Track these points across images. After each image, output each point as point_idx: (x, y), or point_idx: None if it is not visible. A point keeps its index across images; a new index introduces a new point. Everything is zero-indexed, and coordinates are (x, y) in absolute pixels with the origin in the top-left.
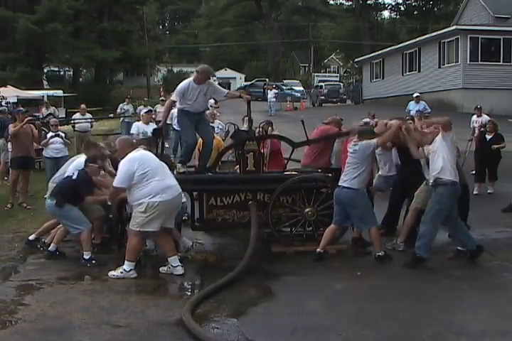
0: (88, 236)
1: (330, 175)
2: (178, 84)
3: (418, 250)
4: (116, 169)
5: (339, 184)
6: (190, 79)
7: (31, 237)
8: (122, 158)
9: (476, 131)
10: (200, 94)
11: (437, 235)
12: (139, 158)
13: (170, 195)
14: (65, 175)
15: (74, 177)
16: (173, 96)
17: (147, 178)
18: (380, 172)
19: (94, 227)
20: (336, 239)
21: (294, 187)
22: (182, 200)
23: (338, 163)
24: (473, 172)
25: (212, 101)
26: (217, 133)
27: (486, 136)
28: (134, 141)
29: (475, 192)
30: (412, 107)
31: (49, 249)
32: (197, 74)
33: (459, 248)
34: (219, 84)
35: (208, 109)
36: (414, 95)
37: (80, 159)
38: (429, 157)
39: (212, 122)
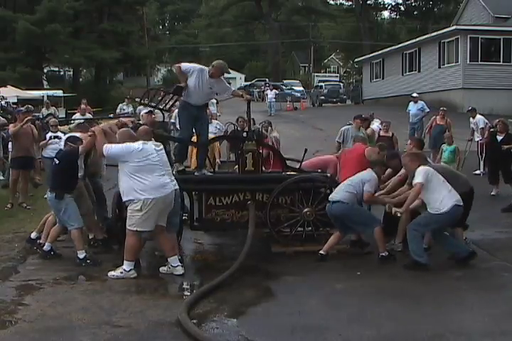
0: (79, 234)
1: (328, 175)
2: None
3: (415, 256)
4: None
5: (329, 199)
6: (205, 67)
7: (33, 235)
8: None
9: (486, 132)
10: (207, 87)
11: None
12: (142, 150)
13: (164, 192)
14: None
15: (56, 162)
16: (183, 64)
17: (144, 172)
18: None
19: (88, 223)
20: None
21: (292, 188)
22: (176, 187)
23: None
24: (476, 172)
25: (213, 101)
26: (215, 133)
27: (497, 136)
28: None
29: (492, 193)
30: (411, 107)
31: (43, 248)
32: (212, 68)
33: None
34: None
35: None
36: (413, 95)
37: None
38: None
39: (210, 122)
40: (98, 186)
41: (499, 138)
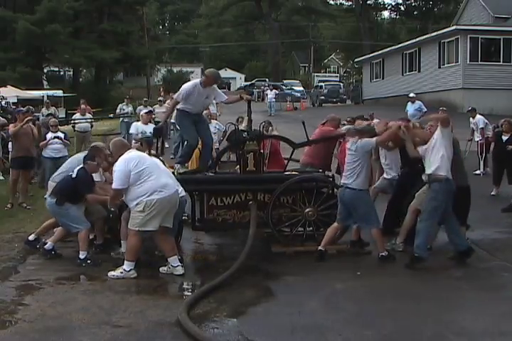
0: (86, 235)
1: (331, 174)
2: (179, 86)
3: (417, 249)
4: None
5: (342, 182)
6: (196, 81)
7: (31, 237)
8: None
9: (491, 132)
10: (203, 98)
11: (437, 235)
12: (134, 157)
13: (167, 192)
14: (62, 172)
15: (73, 175)
16: (177, 97)
17: (143, 177)
18: (384, 175)
19: (96, 228)
20: (335, 240)
21: (294, 187)
22: (181, 195)
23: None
24: (476, 172)
25: (214, 101)
26: (214, 133)
27: (502, 136)
28: (133, 141)
29: (492, 193)
30: (409, 108)
31: (45, 246)
32: (205, 77)
33: None
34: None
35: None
36: (410, 95)
37: (79, 154)
38: (426, 153)
39: (209, 122)
40: None
41: (504, 138)
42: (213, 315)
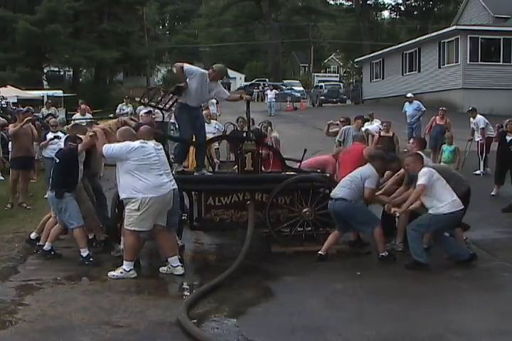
0: (81, 233)
1: (328, 175)
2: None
3: (415, 256)
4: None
5: (332, 193)
6: (205, 70)
7: (32, 235)
8: None
9: (495, 132)
10: (206, 89)
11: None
12: (140, 151)
13: (162, 192)
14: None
15: (56, 161)
16: (183, 64)
17: (143, 172)
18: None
19: (92, 226)
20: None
21: (291, 188)
22: (173, 187)
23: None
24: (476, 172)
25: (213, 101)
26: (214, 133)
27: (507, 137)
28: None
29: (492, 193)
30: (407, 108)
31: (43, 248)
32: (212, 71)
33: None
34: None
35: (207, 108)
36: (408, 95)
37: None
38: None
39: (209, 122)
40: (97, 185)
41: (509, 138)
42: (213, 315)
